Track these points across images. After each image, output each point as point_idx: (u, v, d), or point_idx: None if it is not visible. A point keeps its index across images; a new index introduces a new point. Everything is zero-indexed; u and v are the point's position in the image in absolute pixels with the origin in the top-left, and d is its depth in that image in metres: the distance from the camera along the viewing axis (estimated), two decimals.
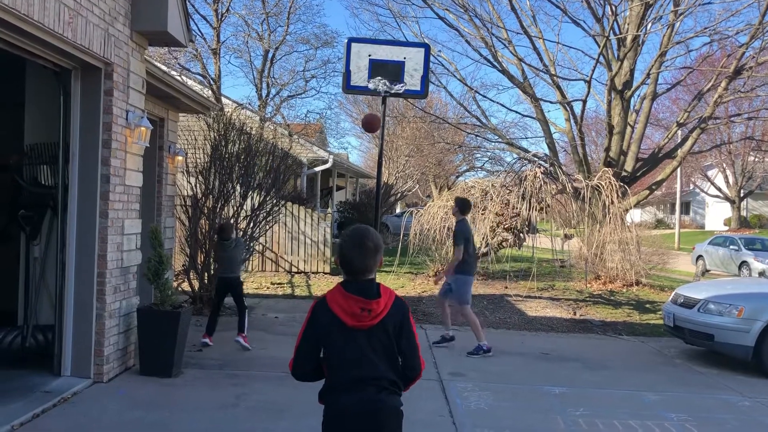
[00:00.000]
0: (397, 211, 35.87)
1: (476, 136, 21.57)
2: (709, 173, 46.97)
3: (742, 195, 45.04)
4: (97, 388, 5.68)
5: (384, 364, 2.64)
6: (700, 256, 23.58)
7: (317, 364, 2.71)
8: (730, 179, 44.87)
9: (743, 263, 21.52)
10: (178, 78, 14.61)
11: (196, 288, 9.76)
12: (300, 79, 25.01)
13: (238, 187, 10.03)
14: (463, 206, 8.34)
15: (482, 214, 13.39)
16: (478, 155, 31.57)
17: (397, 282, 13.93)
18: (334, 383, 2.65)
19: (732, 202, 44.99)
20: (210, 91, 20.76)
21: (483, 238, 12.79)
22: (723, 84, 15.26)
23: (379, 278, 3.19)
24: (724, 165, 44.60)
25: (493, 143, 20.82)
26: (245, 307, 7.66)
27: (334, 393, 2.64)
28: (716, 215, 49.13)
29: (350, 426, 2.60)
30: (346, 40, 9.32)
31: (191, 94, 8.66)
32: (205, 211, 9.75)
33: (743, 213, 45.72)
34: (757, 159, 41.98)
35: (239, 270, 7.75)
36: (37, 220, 6.61)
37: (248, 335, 7.60)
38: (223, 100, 20.81)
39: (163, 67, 14.30)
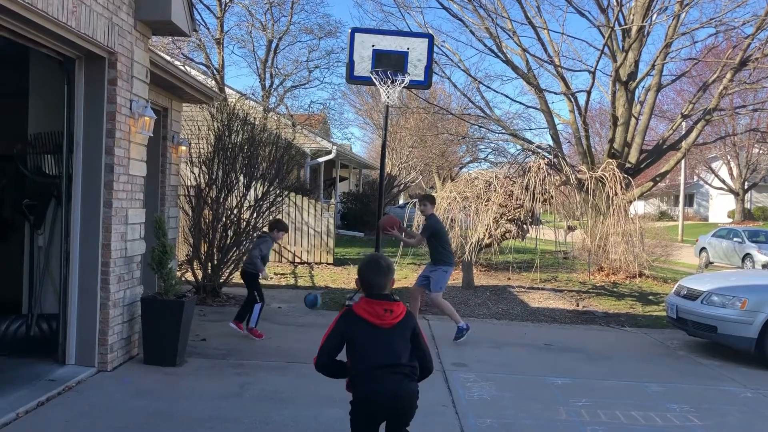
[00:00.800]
0: (401, 202, 35.85)
1: (480, 127, 21.50)
2: (714, 165, 46.83)
3: (746, 187, 44.89)
4: (102, 377, 5.71)
5: (404, 355, 3.22)
6: (703, 249, 23.56)
7: (335, 358, 3.27)
8: (735, 171, 44.72)
9: (747, 255, 21.51)
10: (182, 68, 14.57)
11: (200, 278, 9.78)
12: (303, 70, 24.95)
13: (241, 178, 10.03)
14: (433, 202, 8.34)
15: (485, 205, 13.36)
16: (482, 146, 31.48)
17: (401, 273, 13.94)
18: (364, 371, 3.18)
19: (736, 194, 44.87)
20: (213, 81, 20.72)
21: (486, 229, 12.77)
22: (728, 75, 15.17)
23: None
24: (729, 157, 44.44)
25: (496, 134, 20.74)
26: (254, 301, 7.64)
27: (363, 379, 3.18)
28: (720, 207, 49.03)
29: (377, 406, 3.17)
30: (350, 31, 9.30)
31: (195, 84, 8.65)
32: (209, 201, 9.76)
33: (747, 205, 45.60)
34: (761, 151, 41.88)
35: (251, 265, 7.68)
36: (41, 210, 6.62)
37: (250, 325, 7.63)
38: (227, 90, 20.78)
39: (167, 57, 14.27)
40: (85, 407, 4.98)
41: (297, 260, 15.20)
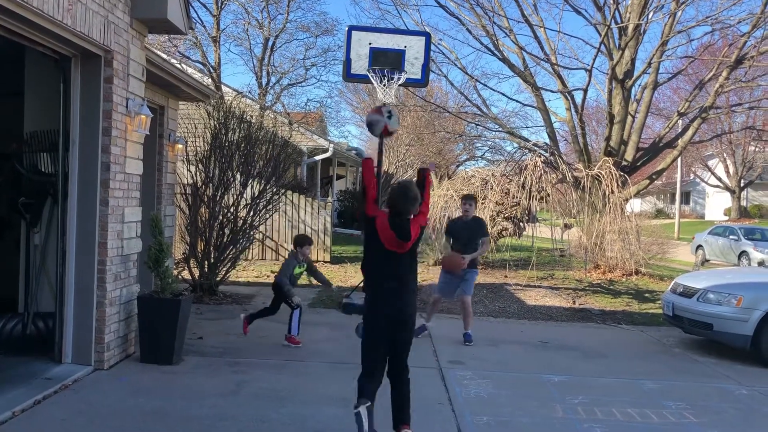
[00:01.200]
0: None
1: (477, 125, 21.51)
2: (710, 163, 46.91)
3: (742, 185, 45.01)
4: (98, 375, 5.71)
5: (412, 278, 4.08)
6: (699, 246, 23.59)
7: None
8: (731, 169, 44.82)
9: (743, 253, 21.54)
10: (178, 66, 14.54)
11: (197, 276, 9.77)
12: (300, 68, 24.96)
13: (238, 176, 10.02)
14: (476, 202, 8.36)
15: (482, 203, 13.39)
16: (479, 144, 31.56)
17: None
18: (372, 284, 4.10)
19: (732, 192, 44.97)
20: (210, 79, 20.70)
21: None
22: (724, 73, 15.20)
23: None
24: (725, 155, 44.54)
25: (493, 132, 20.81)
26: (274, 310, 7.59)
27: (372, 292, 4.07)
28: (716, 205, 49.12)
29: (385, 321, 4.03)
30: (347, 28, 9.27)
31: (191, 82, 8.64)
32: (205, 199, 9.75)
33: (743, 203, 45.71)
34: (757, 149, 41.92)
35: (278, 277, 7.49)
36: (37, 208, 6.61)
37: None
38: (223, 88, 20.76)
39: (163, 55, 14.25)
40: (81, 406, 4.98)
41: None
